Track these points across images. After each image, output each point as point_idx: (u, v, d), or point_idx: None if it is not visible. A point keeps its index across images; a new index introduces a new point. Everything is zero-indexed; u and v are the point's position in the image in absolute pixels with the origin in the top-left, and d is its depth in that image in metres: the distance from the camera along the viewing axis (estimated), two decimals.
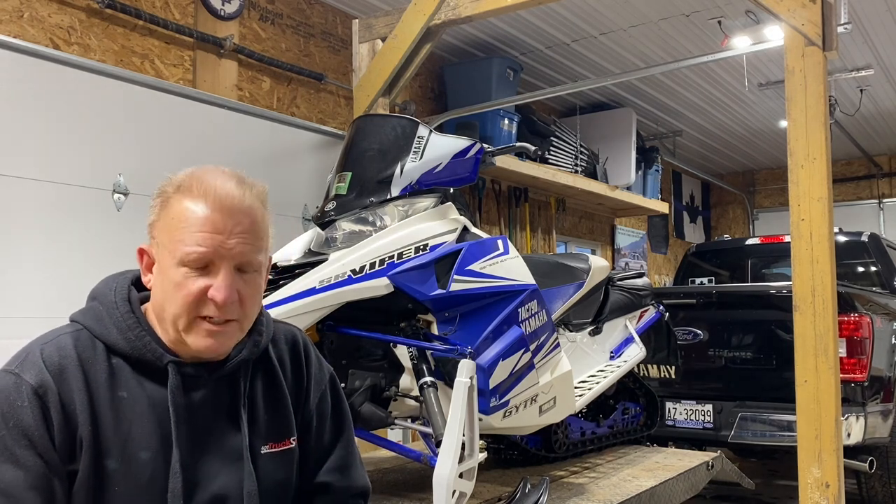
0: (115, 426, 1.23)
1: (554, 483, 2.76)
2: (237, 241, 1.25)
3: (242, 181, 1.31)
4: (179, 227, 1.24)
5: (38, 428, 1.18)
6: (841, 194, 9.92)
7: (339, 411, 1.52)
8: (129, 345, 1.27)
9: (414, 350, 2.21)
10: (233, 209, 1.26)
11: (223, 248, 1.24)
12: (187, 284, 1.24)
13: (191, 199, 1.25)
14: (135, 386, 1.26)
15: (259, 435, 1.35)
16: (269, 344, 1.42)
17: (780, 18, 3.22)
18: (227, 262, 1.25)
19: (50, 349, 1.24)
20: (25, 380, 1.19)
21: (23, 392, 1.18)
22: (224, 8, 4.36)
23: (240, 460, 1.30)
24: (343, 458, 1.49)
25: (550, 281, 2.88)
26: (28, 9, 3.55)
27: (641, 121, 7.80)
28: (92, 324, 1.28)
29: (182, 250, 1.23)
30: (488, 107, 5.46)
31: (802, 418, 3.09)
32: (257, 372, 1.40)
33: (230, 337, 1.29)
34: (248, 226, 1.27)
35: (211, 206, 1.25)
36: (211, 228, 1.24)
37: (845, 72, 6.67)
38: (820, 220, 3.10)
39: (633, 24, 5.67)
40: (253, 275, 1.30)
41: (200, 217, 1.24)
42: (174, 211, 1.26)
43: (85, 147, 3.06)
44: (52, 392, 1.19)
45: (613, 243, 8.63)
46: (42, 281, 2.86)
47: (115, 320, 1.28)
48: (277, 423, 1.39)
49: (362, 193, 2.30)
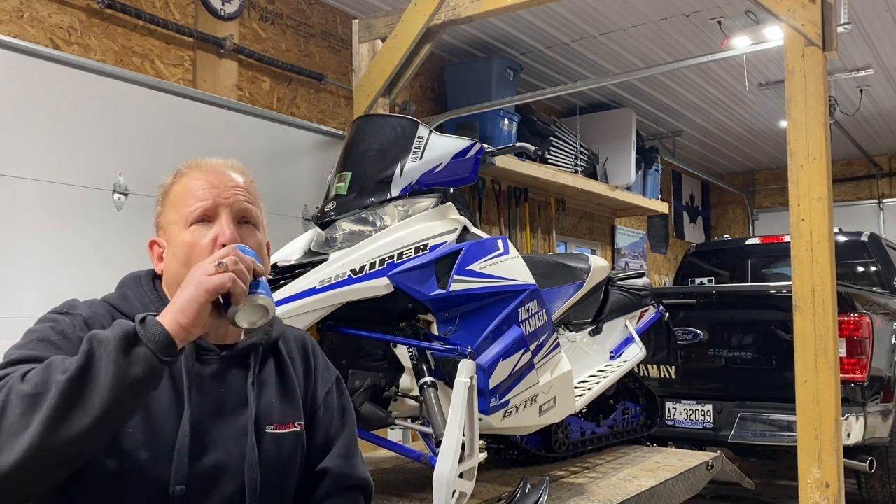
0: None
1: (554, 483, 2.76)
2: (232, 191, 1.42)
3: (232, 163, 1.49)
4: (183, 199, 1.41)
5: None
6: (841, 194, 9.92)
7: (344, 408, 1.59)
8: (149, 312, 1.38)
9: (414, 350, 2.21)
10: (223, 172, 1.45)
11: (221, 198, 1.40)
12: (198, 239, 1.37)
13: (188, 177, 1.44)
14: None
15: (265, 415, 1.42)
16: (279, 338, 1.51)
17: (779, 18, 3.22)
18: (227, 210, 1.40)
19: (84, 304, 1.39)
20: (78, 313, 1.34)
21: (77, 321, 1.33)
22: (224, 8, 4.36)
23: (244, 435, 1.36)
24: (346, 448, 1.54)
25: (550, 281, 2.88)
26: (28, 9, 3.55)
27: (641, 121, 7.81)
28: (117, 301, 1.42)
29: (187, 211, 1.39)
30: (488, 107, 5.46)
31: (802, 418, 3.09)
32: (267, 359, 1.48)
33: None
34: (239, 182, 1.44)
35: (205, 174, 1.43)
36: (208, 185, 1.41)
37: (845, 72, 6.67)
38: (820, 220, 3.10)
39: (633, 24, 5.67)
40: (252, 227, 1.43)
41: (196, 184, 1.42)
42: (175, 192, 1.44)
43: (85, 147, 3.06)
44: (98, 326, 1.30)
45: (613, 243, 8.63)
46: (42, 281, 2.86)
47: (139, 297, 1.42)
48: (284, 406, 1.46)
49: (362, 193, 2.30)
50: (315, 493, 1.50)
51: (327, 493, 1.50)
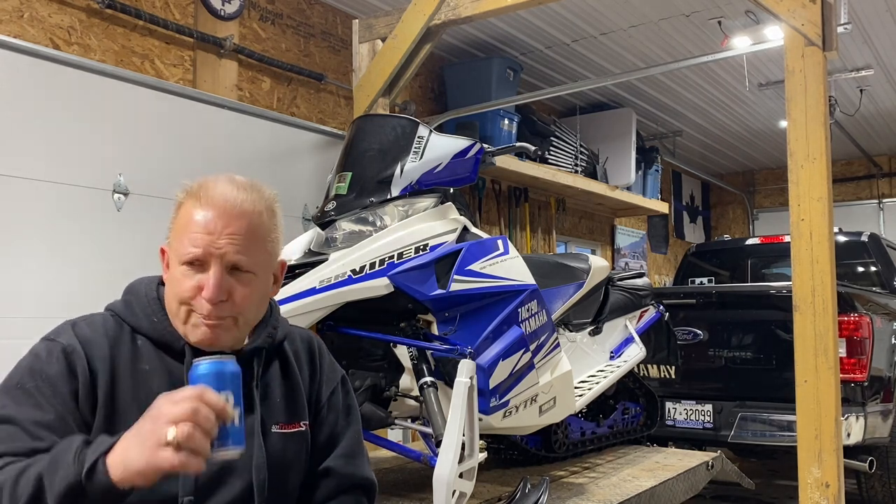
0: (134, 392, 1.34)
1: (554, 483, 2.76)
2: (227, 241, 1.35)
3: (247, 187, 1.41)
4: (182, 230, 1.37)
5: (62, 379, 1.29)
6: (841, 194, 9.92)
7: (349, 407, 1.60)
8: (153, 326, 1.40)
9: (414, 350, 2.21)
10: (226, 211, 1.36)
11: (213, 248, 1.34)
12: (184, 281, 1.35)
13: (193, 204, 1.38)
14: (156, 360, 1.38)
15: (271, 415, 1.44)
16: (284, 339, 1.52)
17: (779, 18, 3.22)
18: (218, 262, 1.35)
19: (82, 323, 1.39)
20: (58, 342, 1.34)
21: (53, 351, 1.32)
22: (224, 8, 4.36)
23: (251, 436, 1.36)
24: (350, 447, 1.55)
25: (550, 281, 2.88)
26: (28, 9, 3.55)
27: (641, 121, 7.80)
28: (122, 311, 1.42)
29: (180, 250, 1.36)
30: (488, 107, 5.46)
31: (802, 418, 3.09)
32: (272, 361, 1.49)
33: (226, 331, 1.37)
34: (239, 228, 1.36)
35: (207, 210, 1.36)
36: (203, 230, 1.35)
37: (845, 72, 6.67)
38: (820, 220, 3.10)
39: (633, 24, 5.66)
40: (248, 275, 1.37)
41: (196, 221, 1.36)
42: (181, 215, 1.40)
43: (85, 147, 3.06)
44: (78, 353, 1.32)
45: (613, 243, 8.63)
46: (42, 281, 2.85)
47: (143, 308, 1.42)
48: (289, 406, 1.48)
49: (362, 193, 2.31)
50: (318, 492, 1.51)
51: (330, 492, 1.51)
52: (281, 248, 1.48)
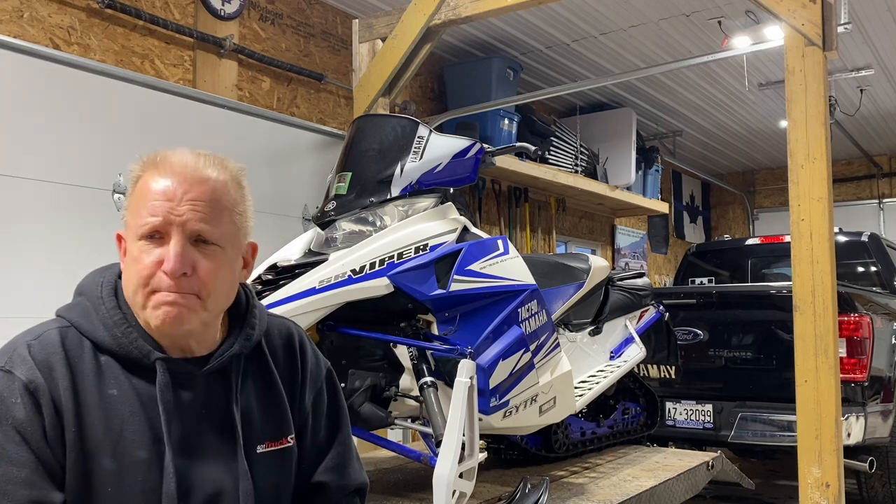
0: (106, 425, 1.20)
1: (554, 483, 2.76)
2: (188, 207, 1.21)
3: (209, 156, 1.28)
4: (138, 205, 1.23)
5: (31, 424, 1.16)
6: (841, 194, 9.92)
7: (336, 408, 1.49)
8: (116, 342, 1.23)
9: (414, 350, 2.21)
10: (186, 177, 1.23)
11: (172, 215, 1.20)
12: (142, 258, 1.21)
13: (152, 174, 1.24)
14: (124, 383, 1.23)
15: (255, 433, 1.32)
16: (262, 338, 1.38)
17: (780, 18, 3.22)
18: (179, 230, 1.21)
19: (37, 346, 1.21)
20: (17, 376, 1.18)
21: (15, 389, 1.17)
22: (224, 8, 4.36)
23: (234, 460, 1.27)
24: (340, 455, 1.46)
25: (550, 281, 2.88)
26: (28, 9, 3.55)
27: (641, 121, 7.80)
28: (79, 320, 1.26)
29: (139, 223, 1.22)
30: (488, 107, 5.46)
31: (802, 418, 3.09)
32: (250, 368, 1.35)
33: (191, 311, 1.22)
34: (201, 193, 1.23)
35: (166, 178, 1.23)
36: (163, 197, 1.21)
37: (845, 72, 6.67)
38: (820, 220, 3.10)
39: (633, 24, 5.67)
40: (213, 248, 1.24)
41: (154, 190, 1.22)
42: (137, 188, 1.25)
43: (85, 147, 3.06)
44: (42, 389, 1.17)
45: (613, 243, 8.63)
46: (42, 281, 2.85)
47: (102, 316, 1.25)
48: (273, 421, 1.36)
49: (362, 193, 2.30)
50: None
51: None
52: (251, 227, 1.33)
